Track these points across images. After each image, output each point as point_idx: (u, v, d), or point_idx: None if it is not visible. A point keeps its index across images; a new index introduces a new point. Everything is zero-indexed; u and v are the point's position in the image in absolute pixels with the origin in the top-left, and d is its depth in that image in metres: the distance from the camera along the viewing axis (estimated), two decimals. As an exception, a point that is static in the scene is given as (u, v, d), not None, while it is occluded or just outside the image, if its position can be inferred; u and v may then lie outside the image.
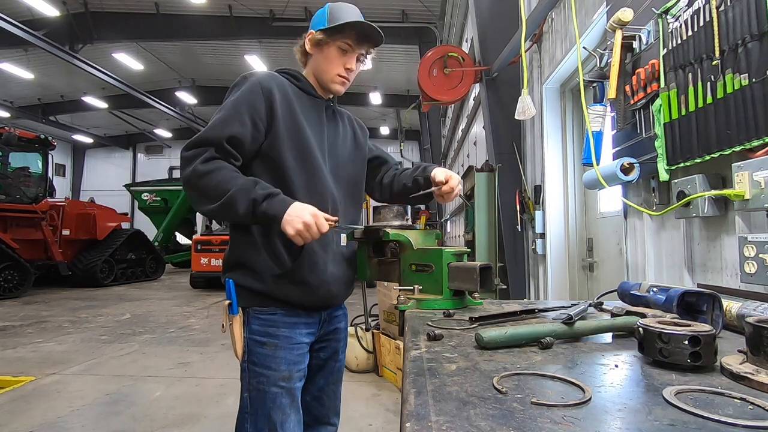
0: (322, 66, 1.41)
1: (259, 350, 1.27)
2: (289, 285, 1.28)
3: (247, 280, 1.29)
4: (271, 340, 1.27)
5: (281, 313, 1.30)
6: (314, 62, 1.43)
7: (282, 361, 1.27)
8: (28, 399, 3.46)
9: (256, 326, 1.28)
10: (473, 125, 8.61)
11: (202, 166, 1.20)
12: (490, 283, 1.23)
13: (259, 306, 1.29)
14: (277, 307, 1.29)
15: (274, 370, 1.26)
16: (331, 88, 1.43)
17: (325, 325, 1.44)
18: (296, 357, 1.30)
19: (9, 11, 10.80)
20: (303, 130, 1.34)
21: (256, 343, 1.28)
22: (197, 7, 12.87)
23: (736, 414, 0.55)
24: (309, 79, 1.45)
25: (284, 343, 1.28)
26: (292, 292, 1.29)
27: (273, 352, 1.27)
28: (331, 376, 1.50)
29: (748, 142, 1.46)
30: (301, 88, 1.42)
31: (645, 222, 2.31)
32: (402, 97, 18.51)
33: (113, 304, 8.47)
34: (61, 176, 24.14)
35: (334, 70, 1.40)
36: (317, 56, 1.41)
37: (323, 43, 1.38)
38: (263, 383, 1.26)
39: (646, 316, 0.94)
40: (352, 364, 4.09)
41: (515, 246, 4.62)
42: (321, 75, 1.42)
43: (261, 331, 1.27)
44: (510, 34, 4.30)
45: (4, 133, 9.43)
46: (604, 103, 2.40)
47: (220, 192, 1.18)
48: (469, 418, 0.53)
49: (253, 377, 1.27)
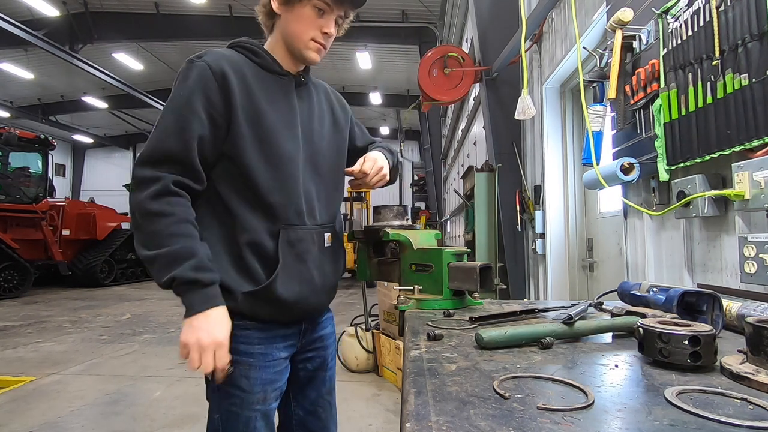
0: (293, 29, 1.17)
1: (230, 370, 1.11)
2: (262, 303, 1.13)
3: None
4: (244, 359, 1.12)
5: (256, 328, 1.14)
6: (283, 25, 1.19)
7: (256, 381, 1.13)
8: (28, 399, 3.46)
9: None
10: (473, 125, 8.61)
11: (151, 203, 1.02)
12: (490, 283, 1.23)
13: (231, 320, 1.10)
14: (249, 320, 1.13)
15: (247, 392, 1.12)
16: (305, 55, 1.19)
17: (308, 334, 1.28)
18: (272, 375, 1.16)
19: (9, 11, 10.79)
20: (267, 120, 1.13)
21: None
22: (197, 7, 12.87)
23: (737, 414, 0.55)
24: (274, 51, 1.22)
25: (259, 362, 1.14)
26: (263, 310, 1.14)
27: (246, 372, 1.12)
28: (323, 386, 1.34)
29: (748, 142, 1.46)
30: (263, 66, 1.19)
31: (645, 222, 2.31)
32: (402, 97, 18.52)
33: (113, 304, 8.47)
34: (61, 176, 24.14)
35: (309, 33, 1.16)
36: (287, 17, 1.17)
37: (296, 2, 1.15)
38: (236, 405, 1.11)
39: (645, 316, 0.94)
40: (352, 364, 4.10)
41: (515, 246, 4.62)
42: (292, 40, 1.18)
43: (233, 349, 1.09)
44: (510, 34, 4.30)
45: (4, 133, 9.44)
46: (604, 103, 2.40)
47: (153, 244, 1.01)
48: (469, 418, 0.53)
49: (225, 398, 1.12)
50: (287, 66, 1.22)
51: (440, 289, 1.24)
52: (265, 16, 1.21)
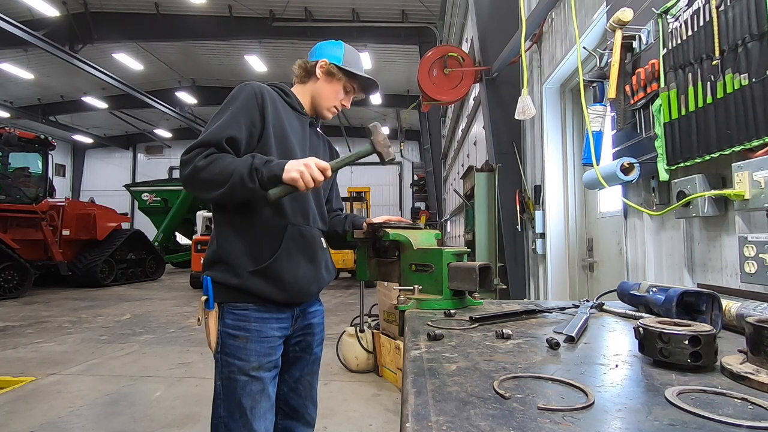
0: (325, 93, 1.55)
1: (231, 342, 1.37)
2: (263, 280, 1.37)
3: (224, 275, 1.38)
4: (242, 333, 1.37)
5: (253, 309, 1.39)
6: (318, 87, 1.55)
7: (252, 352, 1.37)
8: (28, 399, 3.46)
9: (229, 320, 1.38)
10: (473, 125, 8.61)
11: (202, 161, 1.27)
12: (489, 283, 1.23)
13: (233, 301, 1.38)
14: (250, 302, 1.39)
15: (244, 360, 1.36)
16: (324, 114, 1.59)
17: (299, 321, 1.53)
18: (266, 349, 1.40)
19: (9, 11, 10.80)
20: (288, 138, 1.46)
21: (229, 336, 1.37)
22: (197, 7, 12.87)
23: (737, 414, 0.55)
24: (300, 96, 1.57)
25: (254, 336, 1.38)
26: (264, 287, 1.37)
27: (244, 344, 1.37)
28: (306, 367, 1.59)
29: (748, 141, 1.46)
30: (289, 104, 1.53)
31: (645, 222, 2.30)
32: (402, 97, 18.53)
33: (113, 304, 8.47)
34: (61, 176, 24.15)
35: (333, 102, 1.57)
36: (324, 84, 1.54)
37: (335, 78, 1.53)
38: (234, 372, 1.35)
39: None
40: (352, 364, 4.09)
41: (515, 246, 4.61)
42: (320, 100, 1.56)
43: (234, 325, 1.37)
44: (510, 34, 4.30)
45: (4, 133, 9.44)
46: (604, 103, 2.40)
47: (225, 175, 1.25)
48: (469, 418, 0.53)
49: (225, 366, 1.37)
50: (306, 110, 1.58)
51: (440, 289, 1.24)
52: (303, 71, 1.57)
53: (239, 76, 16.91)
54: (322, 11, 13.01)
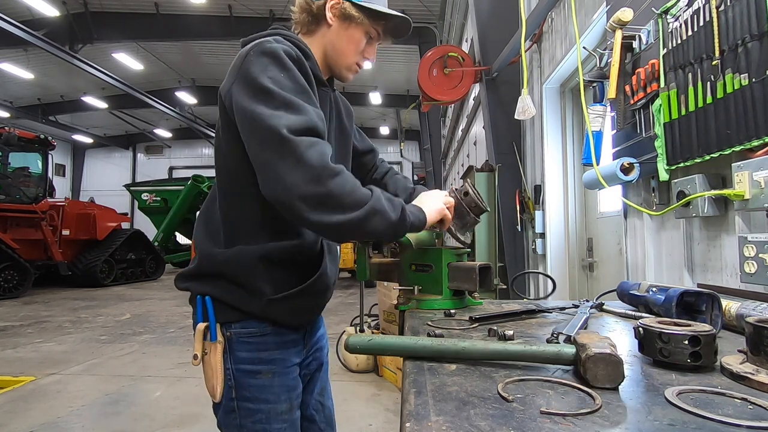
0: (341, 47, 1.12)
1: (251, 381, 1.02)
2: (287, 308, 1.05)
3: (232, 296, 1.03)
4: (266, 367, 1.03)
5: (272, 334, 1.05)
6: (331, 38, 1.12)
7: (281, 389, 1.05)
8: (28, 399, 3.46)
9: (244, 353, 1.03)
10: (473, 125, 8.60)
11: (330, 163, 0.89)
12: (489, 283, 1.23)
13: (244, 327, 1.03)
14: (267, 324, 1.05)
15: (272, 402, 1.03)
16: (342, 75, 1.17)
17: (308, 337, 1.21)
18: (293, 382, 1.09)
19: (9, 11, 10.79)
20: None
21: (247, 374, 1.02)
22: (197, 7, 12.87)
23: (737, 414, 0.55)
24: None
25: (280, 368, 1.05)
26: (287, 314, 1.06)
27: (270, 381, 1.03)
28: (315, 388, 1.28)
29: (748, 141, 1.46)
30: (313, 72, 1.06)
31: (645, 222, 2.30)
32: (402, 97, 18.53)
33: (113, 304, 8.47)
34: (61, 176, 24.14)
35: (354, 56, 1.14)
36: (338, 32, 1.11)
37: (353, 21, 1.09)
38: (262, 421, 1.02)
39: (584, 346, 0.68)
40: (352, 364, 4.09)
41: (515, 246, 4.61)
42: (337, 57, 1.14)
43: (252, 358, 1.02)
44: (510, 34, 4.30)
45: (4, 133, 9.43)
46: (604, 103, 2.40)
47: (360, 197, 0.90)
48: (469, 418, 0.53)
49: (247, 416, 1.02)
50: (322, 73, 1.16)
51: (440, 289, 1.24)
52: (309, 16, 1.12)
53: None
54: (322, 11, 13.01)
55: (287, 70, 0.96)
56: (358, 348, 0.82)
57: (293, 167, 0.86)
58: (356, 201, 0.89)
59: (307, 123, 0.90)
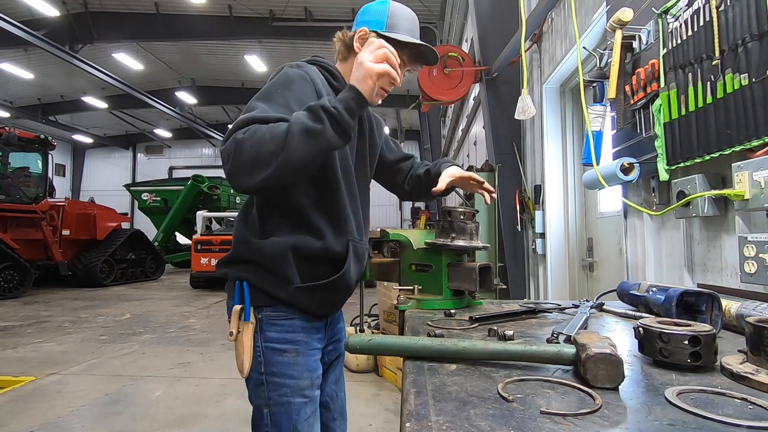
0: None
1: (278, 359, 1.16)
2: (310, 297, 1.18)
3: (265, 283, 1.16)
4: (291, 347, 1.17)
5: (299, 318, 1.19)
6: None
7: (304, 368, 1.17)
8: (28, 399, 3.46)
9: (273, 333, 1.16)
10: (473, 125, 8.60)
11: (242, 134, 0.98)
12: (489, 283, 1.23)
13: (274, 311, 1.17)
14: (294, 310, 1.19)
15: (296, 378, 1.16)
16: (371, 100, 1.18)
17: (329, 327, 1.34)
18: (314, 363, 1.22)
19: (9, 11, 10.79)
20: None
21: (275, 352, 1.16)
22: (197, 7, 12.86)
23: (736, 414, 0.55)
24: (344, 76, 1.27)
25: (304, 348, 1.19)
26: (311, 303, 1.19)
27: (294, 359, 1.16)
28: (331, 376, 1.42)
29: (748, 141, 1.46)
30: (338, 88, 1.22)
31: (645, 222, 2.30)
32: (402, 97, 18.49)
33: (113, 304, 8.47)
34: (61, 176, 24.13)
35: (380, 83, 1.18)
36: None
37: None
38: (287, 394, 1.14)
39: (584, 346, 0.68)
40: (352, 364, 4.09)
41: (515, 246, 4.61)
42: None
43: (279, 338, 1.16)
44: (510, 34, 4.30)
45: (4, 133, 9.43)
46: (604, 103, 2.40)
47: (278, 134, 0.96)
48: (469, 418, 0.53)
49: (274, 389, 1.15)
50: None
51: (440, 289, 1.24)
52: (344, 46, 1.29)
53: (239, 76, 16.88)
54: (322, 11, 13.00)
55: (287, 89, 1.11)
56: (358, 348, 0.83)
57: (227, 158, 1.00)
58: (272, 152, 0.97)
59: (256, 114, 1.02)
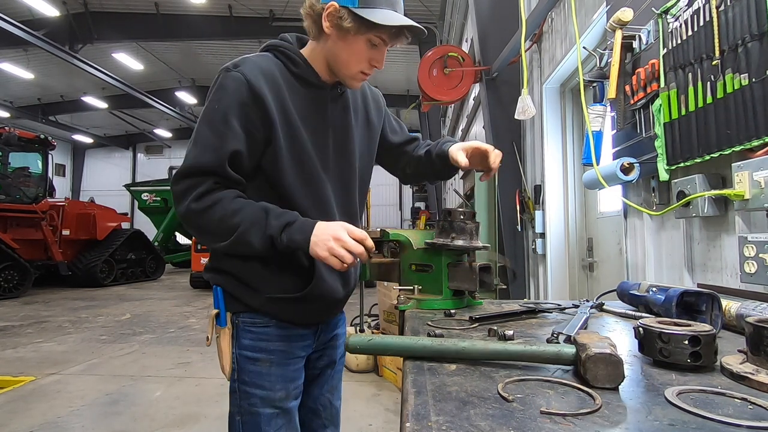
0: (342, 57, 1.10)
1: (250, 367, 1.13)
2: (287, 305, 1.14)
3: (238, 291, 1.14)
4: (264, 356, 1.13)
5: (275, 326, 1.15)
6: (332, 48, 1.11)
7: (277, 379, 1.13)
8: (28, 399, 3.46)
9: (247, 340, 1.13)
10: (473, 125, 8.60)
11: (195, 204, 1.02)
12: (489, 283, 1.23)
13: (250, 317, 1.14)
14: (270, 317, 1.15)
15: (267, 389, 1.12)
16: (348, 83, 1.16)
17: (322, 335, 1.29)
18: (292, 373, 1.17)
19: (9, 11, 10.79)
20: (301, 138, 1.11)
21: (248, 360, 1.13)
22: (197, 7, 12.86)
23: (737, 414, 0.55)
24: (314, 60, 1.15)
25: (279, 359, 1.14)
26: (288, 311, 1.15)
27: (267, 369, 1.13)
28: (326, 384, 1.35)
29: (748, 141, 1.46)
30: (299, 76, 1.13)
31: (645, 222, 2.30)
32: (402, 97, 18.52)
33: (113, 304, 8.47)
34: (61, 176, 24.13)
35: (358, 65, 1.10)
36: (337, 43, 1.09)
37: (350, 32, 1.05)
38: (256, 405, 1.12)
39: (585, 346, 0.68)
40: (352, 364, 4.09)
41: (515, 246, 4.61)
42: (339, 68, 1.12)
43: (252, 346, 1.13)
44: (510, 34, 4.30)
45: (4, 133, 9.44)
46: (604, 103, 2.40)
47: (226, 229, 1.01)
48: (469, 418, 0.53)
49: (244, 398, 1.13)
50: (325, 76, 1.17)
51: (440, 289, 1.24)
52: (313, 23, 1.11)
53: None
54: (322, 11, 13.00)
55: (219, 101, 1.06)
56: (358, 348, 0.83)
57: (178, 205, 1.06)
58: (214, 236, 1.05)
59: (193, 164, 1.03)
